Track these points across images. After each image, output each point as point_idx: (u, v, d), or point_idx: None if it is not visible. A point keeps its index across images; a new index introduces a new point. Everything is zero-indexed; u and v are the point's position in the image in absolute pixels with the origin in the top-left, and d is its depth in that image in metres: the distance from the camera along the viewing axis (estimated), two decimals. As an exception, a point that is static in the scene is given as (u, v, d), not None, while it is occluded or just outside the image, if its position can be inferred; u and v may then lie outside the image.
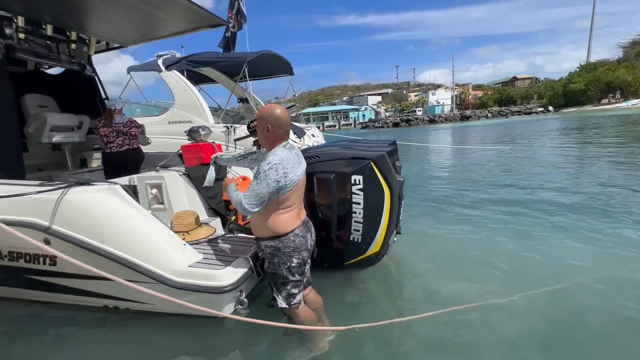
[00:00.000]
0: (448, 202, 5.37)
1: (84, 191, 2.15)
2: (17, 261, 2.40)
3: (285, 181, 1.70)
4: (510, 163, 8.77)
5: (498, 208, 4.82)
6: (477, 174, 7.59)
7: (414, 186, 6.55)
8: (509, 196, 5.43)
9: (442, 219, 4.48)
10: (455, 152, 12.66)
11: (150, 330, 2.31)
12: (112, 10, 3.20)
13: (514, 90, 69.38)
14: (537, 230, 3.85)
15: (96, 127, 3.98)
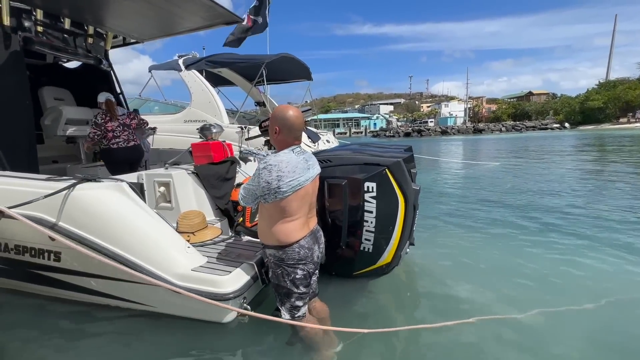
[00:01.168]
0: (461, 213, 5.21)
1: (91, 188, 2.10)
2: (23, 255, 2.38)
3: (278, 184, 1.60)
4: (526, 177, 8.52)
5: (513, 221, 4.66)
6: (491, 187, 7.38)
7: (426, 195, 6.40)
8: (526, 210, 5.24)
9: (456, 231, 4.34)
10: (468, 164, 12.41)
11: (150, 330, 2.23)
12: (129, 5, 3.20)
13: (529, 105, 68.40)
14: (553, 245, 3.71)
15: (104, 122, 3.94)
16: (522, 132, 46.73)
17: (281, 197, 1.63)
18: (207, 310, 1.94)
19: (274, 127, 1.71)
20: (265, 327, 2.19)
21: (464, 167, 11.43)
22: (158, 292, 1.94)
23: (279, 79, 7.45)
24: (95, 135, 3.90)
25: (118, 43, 4.60)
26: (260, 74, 5.60)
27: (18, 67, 3.18)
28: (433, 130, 52.36)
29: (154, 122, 6.16)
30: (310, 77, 7.10)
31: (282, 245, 1.72)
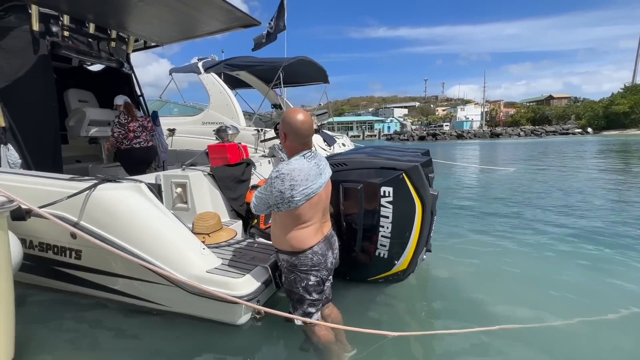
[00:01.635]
0: (478, 218, 5.08)
1: (111, 188, 2.15)
2: (46, 252, 2.45)
3: (291, 193, 1.58)
4: (548, 182, 8.22)
5: (533, 227, 4.51)
6: (511, 192, 7.16)
7: (442, 199, 6.24)
8: (547, 216, 5.06)
9: (473, 236, 4.23)
10: (485, 168, 12.10)
11: (163, 328, 2.26)
12: (150, 10, 3.29)
13: (549, 109, 66.30)
14: (575, 252, 3.58)
15: (127, 122, 4.06)
16: (542, 137, 45.34)
17: (295, 206, 1.61)
18: (221, 312, 1.94)
19: (282, 133, 1.70)
20: (277, 331, 2.18)
21: (481, 172, 11.16)
22: (173, 292, 1.96)
23: (296, 82, 7.51)
24: (119, 134, 4.03)
25: (139, 46, 4.73)
26: (277, 77, 5.65)
27: (46, 70, 3.31)
28: (448, 134, 51.46)
29: (173, 123, 6.32)
30: (326, 80, 7.12)
31: (295, 251, 1.71)
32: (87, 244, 2.22)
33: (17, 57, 3.14)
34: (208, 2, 3.12)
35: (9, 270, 1.57)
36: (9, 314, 1.54)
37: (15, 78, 3.11)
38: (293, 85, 7.73)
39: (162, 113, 6.95)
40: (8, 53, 3.08)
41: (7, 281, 1.54)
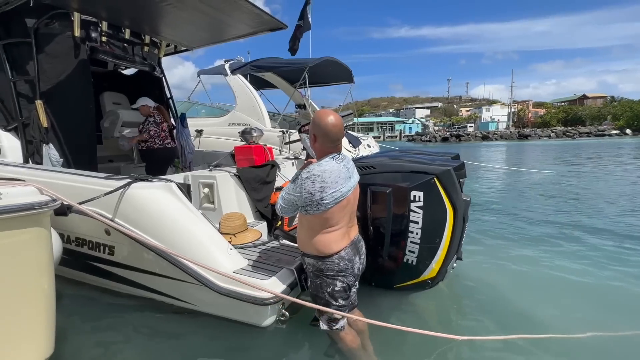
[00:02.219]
0: (510, 224, 4.86)
1: (143, 187, 2.21)
2: (82, 247, 2.56)
3: (321, 196, 1.55)
4: (585, 187, 7.74)
5: (568, 235, 4.28)
6: (545, 196, 6.81)
7: (486, 203, 6.08)
8: (583, 224, 4.77)
9: (504, 243, 4.05)
10: (514, 171, 11.58)
11: (189, 326, 2.31)
12: (182, 16, 3.39)
13: (583, 110, 62.59)
14: (613, 263, 3.36)
15: (161, 122, 4.26)
16: (575, 139, 42.90)
17: (323, 210, 1.59)
18: (246, 313, 1.95)
19: (311, 135, 1.67)
20: (302, 334, 2.17)
21: (511, 175, 10.67)
22: (201, 292, 1.99)
23: (321, 82, 7.54)
24: (155, 132, 4.23)
25: (170, 51, 4.89)
26: (303, 77, 5.67)
27: (85, 74, 3.48)
28: (473, 135, 49.79)
29: (201, 124, 6.48)
30: (352, 80, 7.10)
31: (321, 255, 1.68)
32: (120, 241, 2.31)
33: (60, 62, 3.32)
34: (238, 7, 3.17)
35: (51, 266, 1.65)
36: (50, 309, 1.61)
37: (58, 81, 3.29)
38: (318, 85, 7.76)
39: (190, 114, 7.14)
40: (52, 58, 3.26)
41: (49, 277, 1.61)
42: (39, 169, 2.87)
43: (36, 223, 1.50)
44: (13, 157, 3.23)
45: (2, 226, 1.37)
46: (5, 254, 1.40)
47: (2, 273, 1.40)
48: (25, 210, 1.43)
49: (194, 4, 3.11)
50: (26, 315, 1.50)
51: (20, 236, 1.45)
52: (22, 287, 1.47)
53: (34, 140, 3.20)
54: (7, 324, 1.43)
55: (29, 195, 1.50)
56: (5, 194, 1.38)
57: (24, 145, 3.24)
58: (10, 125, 3.29)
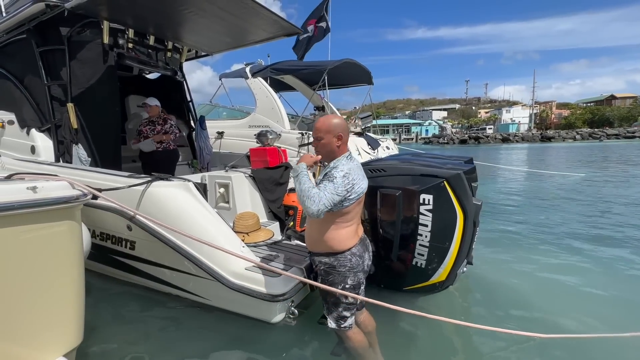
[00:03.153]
0: (526, 230, 4.74)
1: (162, 186, 2.33)
2: (106, 241, 2.71)
3: (351, 191, 1.63)
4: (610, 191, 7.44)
5: (586, 242, 4.16)
6: (564, 201, 6.60)
7: (489, 207, 5.97)
8: (602, 230, 4.61)
9: (519, 248, 3.99)
10: (533, 174, 11.22)
11: (204, 319, 2.43)
12: (202, 22, 3.54)
13: (610, 111, 59.65)
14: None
15: (177, 126, 4.36)
16: (602, 141, 40.95)
17: (347, 205, 1.65)
18: (257, 309, 2.03)
19: (337, 135, 1.69)
20: (310, 332, 2.22)
21: (533, 177, 10.35)
22: (214, 287, 2.08)
23: (340, 84, 7.59)
24: (175, 135, 4.38)
25: (191, 56, 5.08)
26: (322, 80, 5.72)
27: (112, 78, 3.70)
28: (492, 138, 48.42)
29: (222, 126, 6.64)
30: (371, 81, 7.10)
31: (334, 252, 1.73)
32: (141, 236, 2.44)
33: (90, 67, 3.53)
34: (256, 13, 3.28)
35: (82, 258, 1.74)
36: (80, 300, 1.69)
37: (88, 86, 3.51)
38: (337, 87, 7.80)
39: (212, 116, 7.29)
40: (83, 63, 3.49)
41: (79, 268, 1.69)
42: (68, 167, 3.07)
43: (69, 216, 1.58)
44: (46, 156, 3.46)
45: (39, 218, 1.45)
46: (40, 244, 1.49)
47: (37, 263, 1.49)
48: (60, 204, 1.51)
49: (214, 11, 3.24)
50: (58, 304, 1.58)
51: (54, 228, 1.52)
52: (55, 277, 1.56)
53: (65, 140, 3.41)
54: (40, 312, 1.51)
55: (62, 189, 1.58)
56: (40, 188, 1.47)
57: (56, 145, 3.46)
58: (44, 126, 3.52)
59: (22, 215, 1.39)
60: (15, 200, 1.36)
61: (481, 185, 2.63)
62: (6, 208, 1.32)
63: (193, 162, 5.15)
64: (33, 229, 1.44)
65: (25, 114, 3.65)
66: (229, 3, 3.02)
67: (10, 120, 3.80)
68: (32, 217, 1.43)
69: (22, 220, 1.40)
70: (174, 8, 3.24)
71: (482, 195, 2.50)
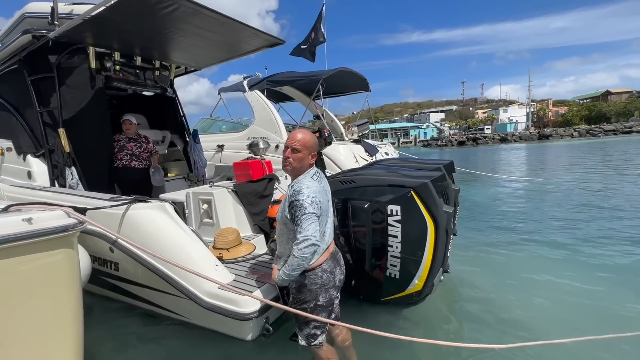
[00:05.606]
0: (512, 235, 4.77)
1: (141, 207, 2.38)
2: (94, 263, 2.75)
3: (318, 207, 1.63)
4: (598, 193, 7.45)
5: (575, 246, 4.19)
6: (560, 204, 6.61)
7: (481, 212, 5.98)
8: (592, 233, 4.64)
9: (502, 255, 3.99)
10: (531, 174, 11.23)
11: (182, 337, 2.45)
12: (186, 41, 3.65)
13: (607, 106, 59.73)
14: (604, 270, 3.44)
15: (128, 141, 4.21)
16: (600, 137, 40.96)
17: None
18: (231, 327, 2.06)
19: (313, 154, 1.73)
20: (286, 349, 2.22)
21: (526, 181, 10.37)
22: (190, 306, 2.11)
23: (337, 92, 7.68)
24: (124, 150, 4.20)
25: (180, 72, 5.20)
26: (317, 89, 5.80)
27: (101, 101, 3.81)
28: (490, 138, 48.45)
29: (223, 140, 6.73)
30: (368, 88, 7.18)
31: (304, 270, 1.72)
32: (123, 257, 2.48)
33: (79, 92, 3.64)
34: (234, 29, 3.37)
35: (79, 285, 1.74)
36: (79, 328, 1.69)
37: (77, 110, 3.61)
38: (335, 95, 7.90)
39: (213, 130, 7.41)
40: (72, 89, 3.60)
41: (77, 296, 1.69)
42: (56, 191, 3.13)
43: (65, 244, 1.60)
44: (41, 180, 3.55)
45: (35, 249, 1.47)
46: (38, 274, 1.50)
47: (35, 293, 1.50)
48: (55, 234, 1.53)
49: (193, 30, 3.33)
50: (57, 334, 1.58)
51: (51, 257, 1.54)
52: (53, 306, 1.56)
53: (58, 164, 3.50)
54: (39, 342, 1.51)
55: (57, 218, 1.60)
56: (36, 219, 1.50)
57: (50, 170, 3.54)
58: (39, 151, 3.62)
59: (18, 247, 1.41)
60: (11, 232, 1.38)
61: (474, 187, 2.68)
62: (2, 241, 1.35)
63: (189, 176, 5.22)
64: (30, 259, 1.47)
65: (21, 140, 3.75)
66: (206, 22, 3.11)
67: (9, 147, 3.91)
68: (28, 248, 1.45)
69: (19, 252, 1.42)
70: (155, 31, 3.34)
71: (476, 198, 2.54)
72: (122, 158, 4.13)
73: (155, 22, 3.02)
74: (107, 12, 2.64)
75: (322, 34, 9.63)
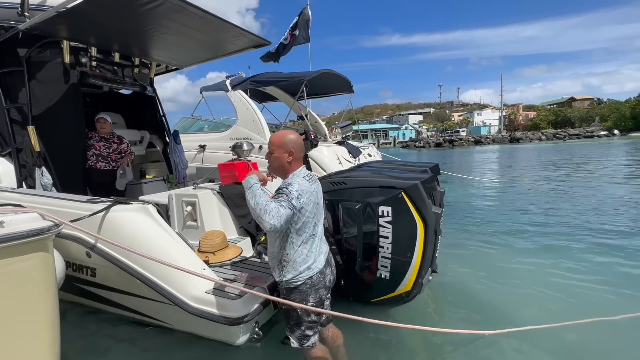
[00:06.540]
0: (492, 234, 4.95)
1: (122, 210, 2.26)
2: (67, 269, 2.58)
3: (300, 205, 1.60)
4: (567, 192, 7.92)
5: (548, 241, 4.46)
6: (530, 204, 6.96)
7: (455, 212, 6.18)
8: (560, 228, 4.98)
9: (484, 253, 4.15)
10: (503, 176, 11.76)
11: (168, 343, 2.35)
12: (169, 38, 3.51)
13: (571, 112, 63.80)
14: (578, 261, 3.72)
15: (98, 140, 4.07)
16: (565, 141, 43.60)
17: (300, 223, 1.65)
18: (219, 332, 1.99)
19: (288, 150, 1.71)
20: (276, 353, 2.19)
21: (499, 182, 10.85)
22: (175, 311, 2.03)
23: (321, 93, 7.71)
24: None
25: (161, 70, 5.01)
26: (301, 90, 5.79)
27: (75, 98, 3.59)
28: (466, 140, 50.29)
29: (205, 140, 6.55)
30: (351, 90, 7.25)
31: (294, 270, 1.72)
32: (101, 263, 2.35)
33: (51, 88, 3.42)
34: (219, 28, 3.29)
35: (56, 290, 1.66)
36: (55, 333, 1.61)
37: (49, 106, 3.39)
38: (318, 96, 7.92)
39: (194, 130, 7.19)
40: (43, 84, 3.37)
41: (53, 301, 1.62)
42: (27, 193, 2.92)
43: (40, 248, 1.53)
44: (7, 181, 3.29)
45: (6, 253, 1.40)
46: (11, 280, 1.43)
47: (8, 299, 1.42)
48: (30, 237, 1.46)
49: (177, 27, 3.22)
50: (32, 340, 1.52)
51: (26, 262, 1.47)
52: (28, 313, 1.50)
53: (26, 164, 3.26)
54: (14, 350, 1.45)
55: (31, 221, 1.52)
56: (8, 222, 1.42)
57: (17, 170, 3.30)
58: (5, 150, 3.36)
59: None
60: None
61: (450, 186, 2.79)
62: None
63: (169, 178, 5.03)
64: (2, 264, 1.40)
65: None
66: (191, 20, 3.01)
67: None
68: (1, 252, 1.39)
69: None
70: (136, 27, 3.20)
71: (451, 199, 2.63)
72: (89, 158, 3.94)
73: (137, 18, 2.90)
74: (84, 5, 2.49)
75: (305, 34, 9.58)
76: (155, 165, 5.37)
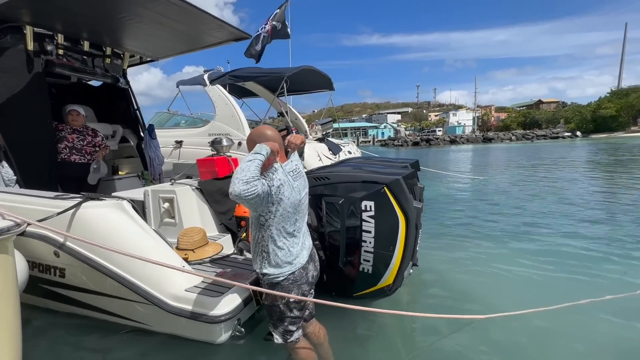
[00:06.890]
0: (468, 228, 5.16)
1: (94, 206, 2.14)
2: (33, 270, 2.42)
3: (275, 191, 1.55)
4: (536, 188, 8.38)
5: (518, 234, 4.69)
6: (502, 198, 7.29)
7: (432, 209, 6.37)
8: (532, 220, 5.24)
9: (461, 246, 4.32)
10: (477, 174, 12.25)
11: (147, 346, 2.25)
12: (143, 28, 3.34)
13: (539, 114, 67.42)
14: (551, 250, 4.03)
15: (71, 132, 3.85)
16: (533, 142, 46.07)
17: (275, 211, 1.61)
18: (200, 331, 1.94)
19: (277, 151, 1.67)
20: (259, 350, 2.18)
21: (473, 179, 11.30)
22: (153, 311, 1.96)
23: (301, 90, 7.62)
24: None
25: (135, 62, 4.76)
26: (281, 87, 5.71)
27: (40, 88, 3.35)
28: (442, 140, 51.95)
29: (181, 135, 6.32)
30: (332, 87, 7.23)
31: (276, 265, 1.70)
32: (71, 262, 2.22)
33: (13, 76, 3.17)
34: (198, 18, 3.17)
35: (16, 293, 1.57)
36: (16, 340, 1.53)
37: (10, 96, 3.14)
38: (298, 93, 7.83)
39: (170, 125, 6.92)
40: (4, 72, 3.12)
41: (15, 305, 1.53)
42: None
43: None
44: None
45: None
46: None
47: None
48: None
49: (152, 16, 3.07)
50: None
51: None
52: None
53: None
54: None
55: None
56: None
57: None
58: None
59: None
60: None
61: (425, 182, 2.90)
62: None
63: (144, 174, 4.82)
64: None
65: None
66: (168, 9, 2.88)
67: None
68: None
69: None
70: (107, 14, 3.02)
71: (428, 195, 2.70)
72: (61, 151, 3.70)
73: (108, 4, 2.74)
74: None
75: (284, 30, 9.45)
76: (129, 161, 5.14)
